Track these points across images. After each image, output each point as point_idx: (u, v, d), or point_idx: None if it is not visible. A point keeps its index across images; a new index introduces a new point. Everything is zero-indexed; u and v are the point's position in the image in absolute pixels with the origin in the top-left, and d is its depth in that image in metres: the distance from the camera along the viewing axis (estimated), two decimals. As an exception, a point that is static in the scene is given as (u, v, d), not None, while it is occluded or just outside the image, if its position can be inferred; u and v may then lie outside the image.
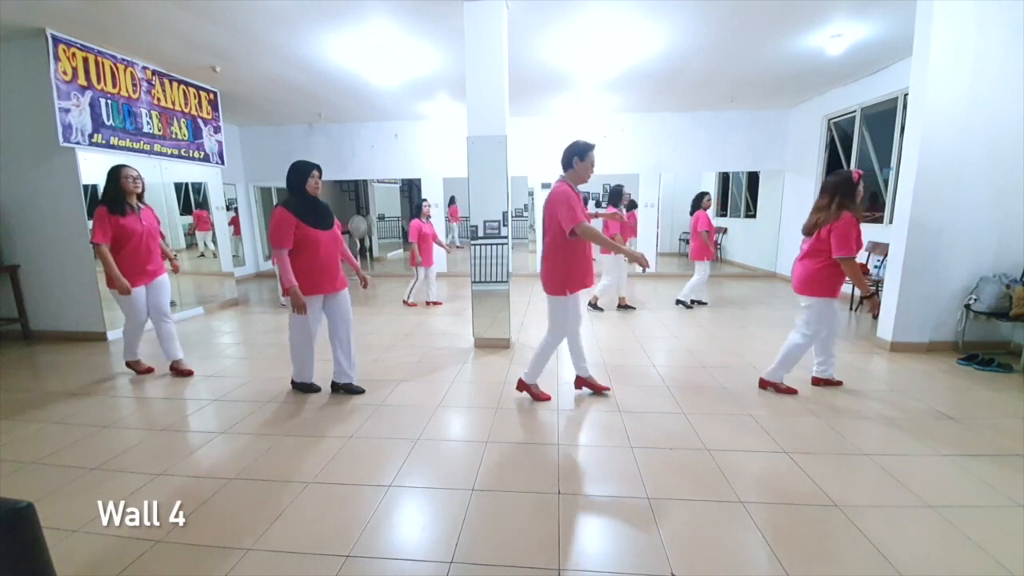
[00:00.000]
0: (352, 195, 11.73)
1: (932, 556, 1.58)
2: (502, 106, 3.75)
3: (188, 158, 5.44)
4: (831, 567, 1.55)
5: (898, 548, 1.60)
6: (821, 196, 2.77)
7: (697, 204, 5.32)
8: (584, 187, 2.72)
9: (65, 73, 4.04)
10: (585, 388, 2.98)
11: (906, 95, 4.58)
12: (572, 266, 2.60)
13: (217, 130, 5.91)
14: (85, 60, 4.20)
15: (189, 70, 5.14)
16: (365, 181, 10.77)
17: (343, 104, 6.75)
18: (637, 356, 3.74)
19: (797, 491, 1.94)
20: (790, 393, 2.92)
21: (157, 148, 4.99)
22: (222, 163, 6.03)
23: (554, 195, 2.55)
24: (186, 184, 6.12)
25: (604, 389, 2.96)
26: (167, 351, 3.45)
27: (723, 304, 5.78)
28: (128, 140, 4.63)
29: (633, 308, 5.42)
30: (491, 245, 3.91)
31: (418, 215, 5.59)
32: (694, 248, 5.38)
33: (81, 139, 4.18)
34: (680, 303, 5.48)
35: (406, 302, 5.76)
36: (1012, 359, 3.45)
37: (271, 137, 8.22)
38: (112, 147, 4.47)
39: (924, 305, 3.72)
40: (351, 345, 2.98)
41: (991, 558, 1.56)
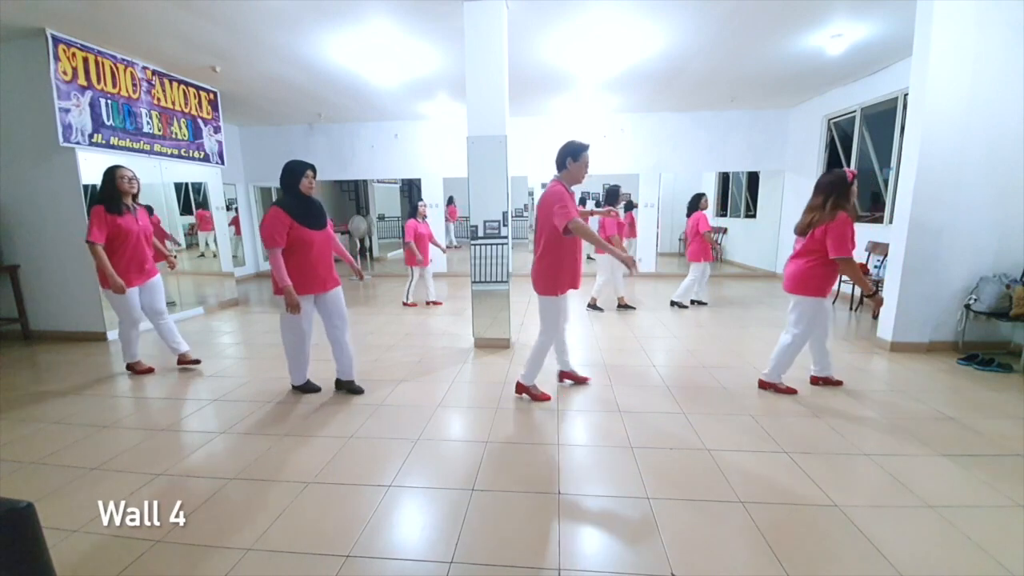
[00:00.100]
0: (352, 195, 11.73)
1: (932, 556, 1.58)
2: (502, 106, 3.75)
3: (188, 158, 5.44)
4: (831, 567, 1.55)
5: (898, 548, 1.60)
6: (815, 195, 2.75)
7: (695, 205, 5.31)
8: (585, 187, 2.74)
9: (65, 73, 4.04)
10: (567, 380, 3.10)
11: (906, 95, 4.58)
12: (563, 267, 2.63)
13: (217, 130, 5.91)
14: (85, 60, 4.20)
15: (189, 70, 5.14)
16: (365, 181, 10.77)
17: (343, 104, 6.75)
18: (637, 356, 3.74)
19: (797, 491, 1.94)
20: (790, 393, 2.92)
21: (157, 148, 4.99)
22: (222, 163, 6.03)
23: (547, 195, 2.57)
24: (186, 184, 6.12)
25: (584, 380, 3.10)
26: (171, 346, 3.55)
27: (723, 304, 5.77)
28: (128, 140, 4.63)
29: (633, 308, 5.41)
30: (491, 245, 3.91)
31: (414, 215, 5.62)
32: (692, 249, 5.36)
33: (81, 139, 4.18)
34: (675, 304, 5.47)
35: (405, 303, 5.77)
36: (1012, 359, 3.45)
37: (271, 137, 8.22)
38: (112, 147, 4.47)
39: (924, 305, 3.72)
40: (349, 343, 3.00)
41: (991, 558, 1.56)
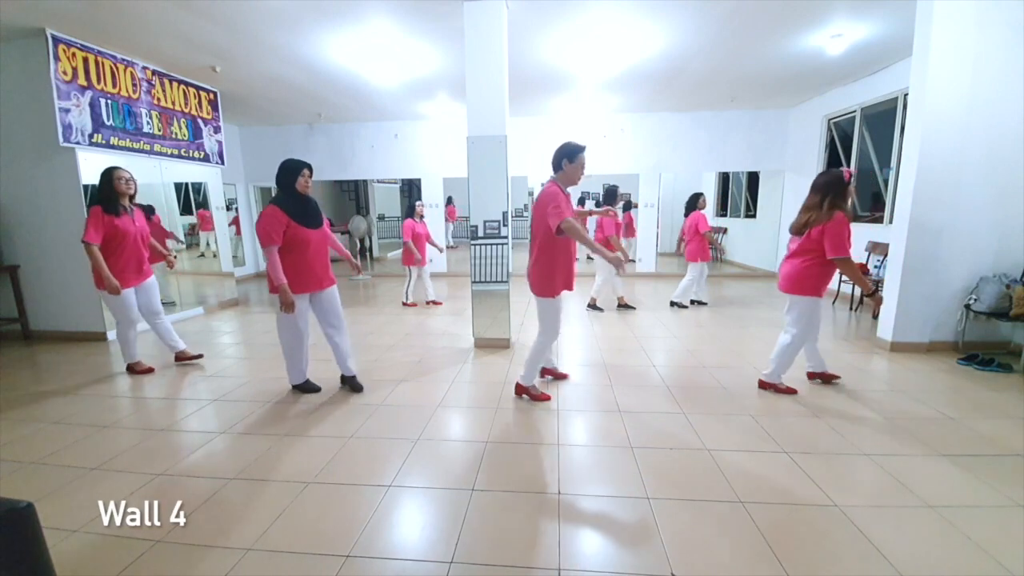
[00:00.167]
0: (352, 195, 11.73)
1: (932, 556, 1.58)
2: (502, 106, 3.75)
3: (188, 158, 5.44)
4: (831, 567, 1.55)
5: (898, 548, 1.60)
6: (811, 195, 2.73)
7: (693, 205, 5.30)
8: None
9: (65, 73, 4.04)
10: (548, 376, 3.20)
11: (906, 95, 4.58)
12: (557, 268, 2.64)
13: (217, 130, 5.91)
14: (85, 60, 4.20)
15: (189, 70, 5.14)
16: (365, 181, 10.77)
17: (343, 104, 6.75)
18: (637, 356, 3.74)
19: (797, 491, 1.94)
20: (790, 393, 2.92)
21: (157, 148, 4.99)
22: (222, 163, 6.03)
23: (542, 196, 2.58)
24: (186, 184, 6.12)
25: (564, 376, 3.22)
26: (168, 344, 3.62)
27: (723, 304, 5.77)
28: (128, 140, 4.63)
29: (633, 308, 5.41)
30: (491, 245, 3.91)
31: (411, 215, 5.64)
32: (690, 249, 5.35)
33: (81, 139, 4.18)
34: (675, 304, 5.46)
35: (405, 303, 5.77)
36: (1012, 359, 3.45)
37: (271, 137, 8.22)
38: (112, 147, 4.47)
39: (924, 305, 3.72)
40: (347, 340, 3.04)
41: (991, 558, 1.56)
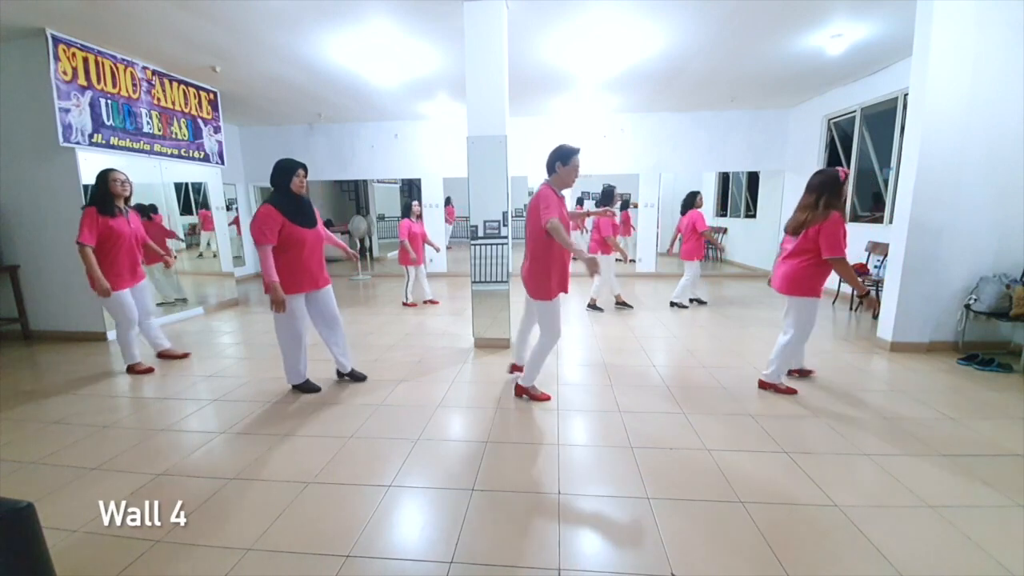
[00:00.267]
0: (352, 195, 11.73)
1: (932, 556, 1.58)
2: (502, 106, 3.75)
3: (188, 158, 5.44)
4: (831, 567, 1.55)
5: (898, 548, 1.60)
6: (807, 194, 2.73)
7: (690, 203, 5.28)
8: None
9: (65, 73, 4.04)
10: (517, 373, 3.11)
11: (906, 95, 4.58)
12: (553, 270, 2.63)
13: (217, 130, 5.91)
14: (85, 60, 4.20)
15: (189, 70, 5.14)
16: (365, 181, 10.76)
17: (343, 104, 6.75)
18: (637, 356, 3.74)
19: (797, 491, 1.94)
20: (790, 393, 2.91)
21: (157, 148, 4.99)
22: (222, 163, 6.03)
23: (535, 199, 2.59)
24: (186, 184, 6.12)
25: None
26: (153, 343, 3.72)
27: (723, 304, 5.77)
28: (128, 140, 4.63)
29: (631, 307, 5.41)
30: (491, 245, 3.91)
31: (407, 215, 5.63)
32: (686, 248, 5.33)
33: (81, 139, 4.18)
34: (675, 304, 5.46)
35: (405, 303, 5.77)
36: (1012, 359, 3.45)
37: (271, 137, 8.22)
38: (112, 147, 4.46)
39: (924, 305, 3.72)
40: (343, 338, 3.10)
41: (991, 558, 1.56)
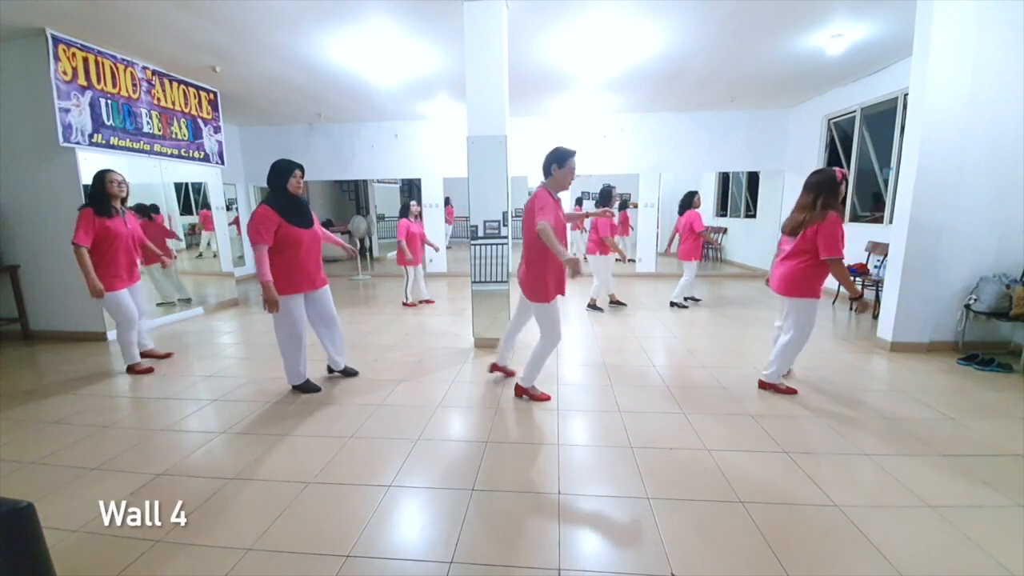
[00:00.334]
0: (352, 195, 11.73)
1: (932, 556, 1.58)
2: (502, 106, 3.75)
3: (188, 158, 5.44)
4: (831, 567, 1.55)
5: (898, 548, 1.60)
6: (804, 194, 2.71)
7: (688, 203, 5.26)
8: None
9: (65, 73, 4.04)
10: (497, 372, 3.21)
11: (906, 95, 4.57)
12: (550, 272, 2.62)
13: (217, 130, 5.91)
14: (85, 60, 4.20)
15: (189, 70, 5.14)
16: (365, 181, 10.76)
17: (343, 104, 6.75)
18: (637, 356, 3.74)
19: (797, 491, 1.94)
20: (790, 393, 2.91)
21: (157, 148, 4.99)
22: (222, 163, 6.02)
23: (531, 202, 2.59)
24: (186, 184, 6.12)
25: (512, 373, 3.19)
26: (139, 341, 3.65)
27: (723, 304, 5.77)
28: (128, 140, 4.63)
29: (624, 304, 5.40)
30: (491, 245, 3.91)
31: (405, 214, 5.63)
32: (684, 248, 5.33)
33: (81, 139, 4.18)
34: (675, 305, 5.46)
35: (405, 303, 5.77)
36: (1012, 359, 3.45)
37: (271, 137, 8.22)
38: (112, 147, 4.46)
39: (924, 305, 3.72)
40: (341, 338, 3.16)
41: (991, 558, 1.56)
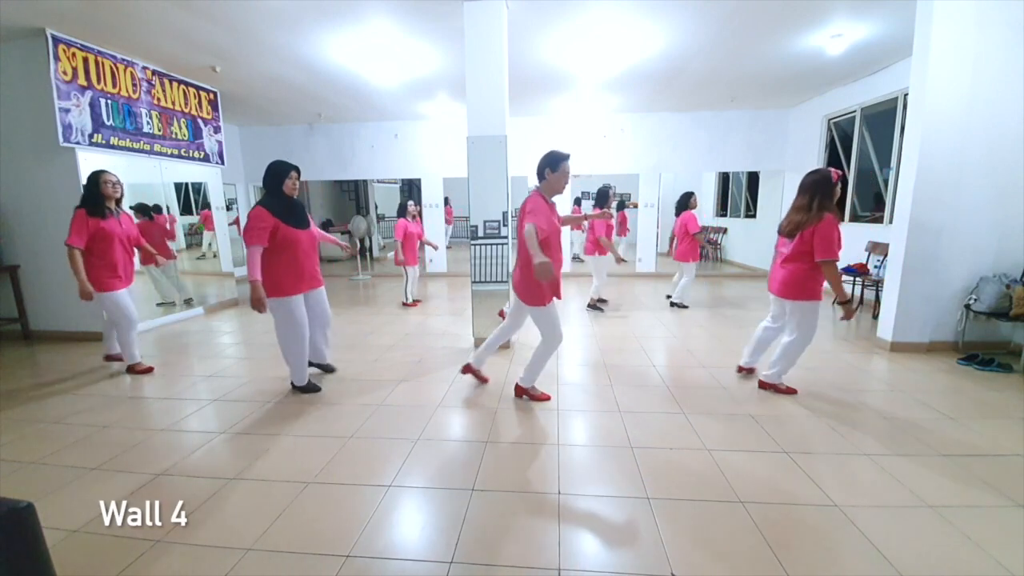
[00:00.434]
0: (352, 195, 11.73)
1: (932, 556, 1.58)
2: (502, 106, 3.75)
3: (188, 158, 5.44)
4: (831, 567, 1.55)
5: (898, 548, 1.60)
6: (800, 196, 2.70)
7: (684, 204, 5.24)
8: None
9: (65, 73, 4.04)
10: (470, 375, 3.16)
11: (906, 95, 4.58)
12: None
13: (217, 130, 5.91)
14: (85, 60, 4.20)
15: (189, 70, 5.14)
16: (365, 181, 10.76)
17: (343, 104, 6.75)
18: (637, 356, 3.74)
19: (797, 491, 1.94)
20: (790, 393, 2.91)
21: (157, 148, 4.98)
22: (222, 163, 6.02)
23: (523, 206, 2.56)
24: (186, 184, 6.12)
25: (485, 380, 3.15)
26: (108, 343, 3.65)
27: (723, 304, 5.77)
28: (128, 140, 4.63)
29: (601, 310, 5.39)
30: (491, 245, 3.91)
31: (403, 215, 5.62)
32: (681, 249, 5.30)
33: (81, 139, 4.18)
34: (675, 305, 5.47)
35: (405, 303, 5.77)
36: (1012, 359, 3.45)
37: (271, 137, 8.22)
38: (112, 147, 4.46)
39: (924, 305, 3.72)
40: (329, 334, 3.26)
41: (991, 558, 1.56)
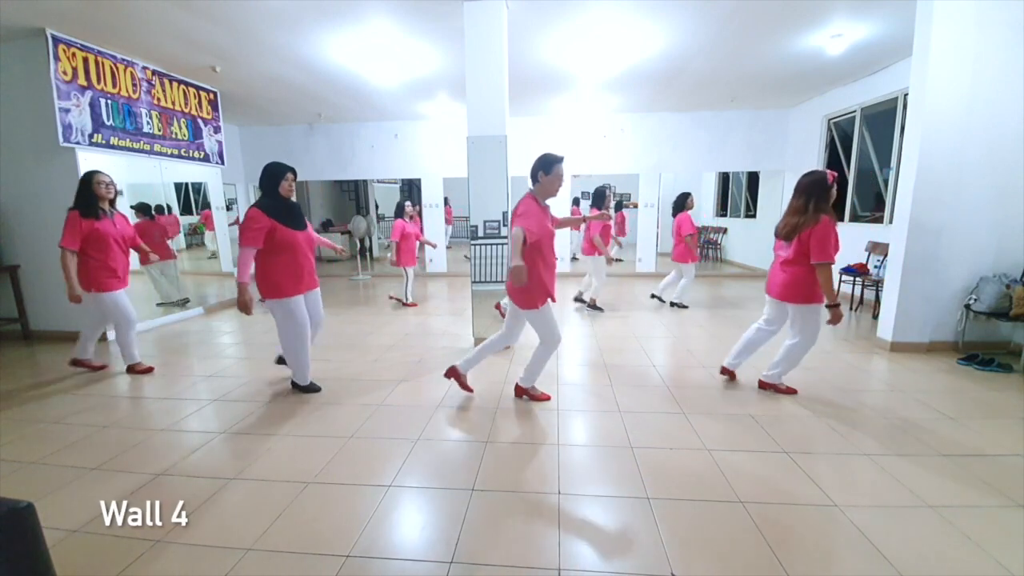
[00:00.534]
0: (352, 195, 11.73)
1: (932, 556, 1.58)
2: (502, 106, 3.75)
3: (188, 158, 5.44)
4: (831, 567, 1.55)
5: (898, 548, 1.60)
6: (796, 197, 2.67)
7: (681, 205, 5.22)
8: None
9: (65, 73, 4.04)
10: (452, 379, 2.93)
11: (906, 95, 4.58)
12: (536, 278, 2.50)
13: (217, 130, 5.91)
14: (85, 60, 4.20)
15: (189, 70, 5.14)
16: (365, 181, 10.77)
17: (343, 104, 6.75)
18: (637, 356, 3.74)
19: (797, 491, 1.94)
20: (790, 393, 2.91)
21: (157, 148, 4.99)
22: (222, 163, 6.03)
23: (516, 207, 2.53)
24: (186, 184, 6.12)
25: (470, 390, 2.94)
26: (81, 348, 3.52)
27: (723, 304, 5.77)
28: (128, 140, 4.63)
29: (585, 302, 5.41)
30: (491, 245, 3.91)
31: (400, 215, 5.62)
32: (679, 250, 5.28)
33: (81, 139, 4.18)
34: (675, 305, 5.47)
35: (405, 303, 5.77)
36: (1012, 359, 3.45)
37: (271, 137, 8.22)
38: (112, 147, 4.46)
39: (924, 305, 3.72)
40: (318, 335, 3.23)
41: (991, 558, 1.56)
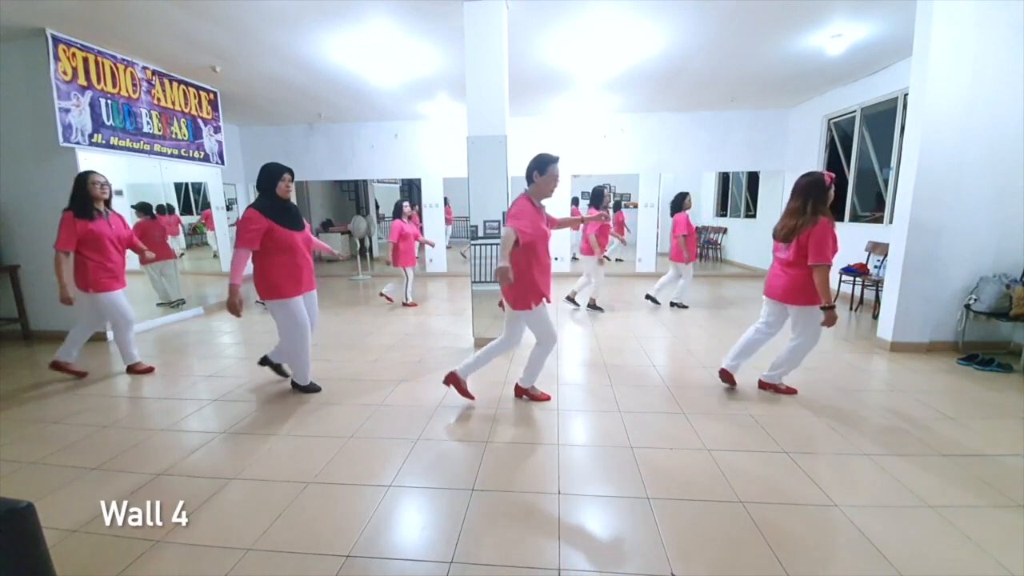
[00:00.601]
0: (352, 195, 11.73)
1: (932, 556, 1.58)
2: (502, 106, 3.75)
3: (188, 158, 5.44)
4: (831, 567, 1.55)
5: (898, 548, 1.60)
6: (794, 199, 2.66)
7: (678, 205, 5.20)
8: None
9: (65, 73, 4.04)
10: (451, 386, 2.80)
11: (906, 95, 4.58)
12: (526, 280, 2.48)
13: (217, 130, 5.91)
14: (85, 60, 4.20)
15: (189, 70, 5.14)
16: (365, 181, 10.77)
17: (343, 104, 6.75)
18: (637, 356, 3.74)
19: (797, 491, 1.94)
20: (790, 393, 2.91)
21: (157, 148, 4.99)
22: (222, 163, 6.02)
23: (510, 209, 2.53)
24: (186, 184, 6.13)
25: (472, 397, 2.81)
26: (67, 350, 3.37)
27: (723, 304, 5.77)
28: (128, 140, 4.63)
29: (577, 305, 5.41)
30: (491, 245, 3.91)
31: (398, 215, 5.63)
32: (676, 251, 5.26)
33: (81, 139, 4.18)
34: (675, 305, 5.47)
35: (405, 303, 5.77)
36: (1012, 359, 3.45)
37: (271, 137, 8.22)
38: (112, 147, 4.46)
39: (924, 305, 3.72)
40: (312, 336, 3.17)
41: (991, 558, 1.56)
